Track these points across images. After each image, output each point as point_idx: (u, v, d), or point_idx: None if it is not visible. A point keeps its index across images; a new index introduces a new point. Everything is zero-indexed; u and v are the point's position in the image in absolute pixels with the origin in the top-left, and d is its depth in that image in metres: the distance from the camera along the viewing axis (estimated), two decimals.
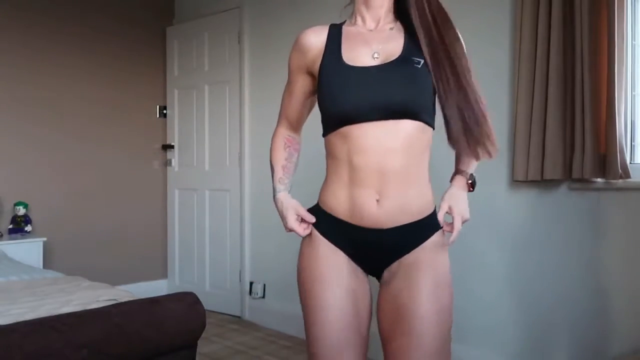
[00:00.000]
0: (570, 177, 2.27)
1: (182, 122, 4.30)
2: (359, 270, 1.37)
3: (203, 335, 2.17)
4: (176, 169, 4.36)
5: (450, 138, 1.30)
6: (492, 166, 2.59)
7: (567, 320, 2.36)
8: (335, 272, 1.33)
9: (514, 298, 2.53)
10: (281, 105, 1.53)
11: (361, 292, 1.35)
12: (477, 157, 1.35)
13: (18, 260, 3.07)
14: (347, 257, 1.35)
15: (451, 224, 1.33)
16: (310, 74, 1.42)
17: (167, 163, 4.42)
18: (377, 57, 1.32)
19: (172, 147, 4.36)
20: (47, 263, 3.59)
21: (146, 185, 4.34)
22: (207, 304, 3.31)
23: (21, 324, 1.66)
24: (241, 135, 3.84)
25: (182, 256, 4.30)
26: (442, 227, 1.35)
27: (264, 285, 3.72)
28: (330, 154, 1.36)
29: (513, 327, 2.53)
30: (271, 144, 1.55)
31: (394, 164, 1.28)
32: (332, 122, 1.32)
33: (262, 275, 3.73)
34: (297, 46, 1.43)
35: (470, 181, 1.43)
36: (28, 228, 3.57)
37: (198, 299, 2.09)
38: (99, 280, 2.77)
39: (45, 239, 3.53)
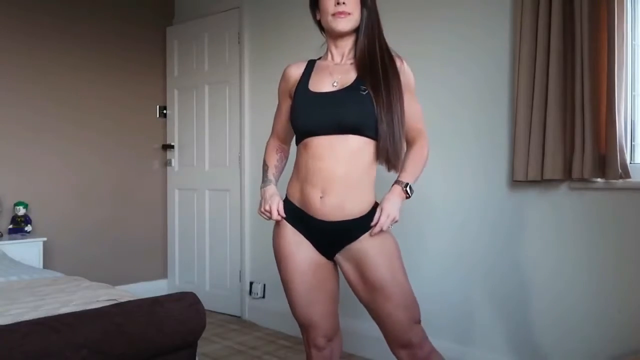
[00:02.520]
0: (570, 177, 2.27)
1: (182, 122, 4.30)
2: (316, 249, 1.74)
3: (203, 335, 2.16)
4: (176, 169, 4.36)
5: (379, 155, 1.66)
6: (492, 166, 2.59)
7: (567, 320, 2.36)
8: (297, 248, 1.73)
9: (513, 298, 2.53)
10: (273, 124, 1.93)
11: (322, 260, 1.74)
12: (397, 170, 1.71)
13: (18, 260, 3.07)
14: (306, 239, 1.72)
15: (377, 218, 1.66)
16: (291, 98, 1.79)
17: (167, 163, 4.42)
18: (335, 85, 1.70)
19: (172, 147, 4.36)
20: (47, 263, 3.58)
21: (146, 185, 4.34)
22: (207, 304, 3.30)
23: (21, 324, 1.66)
24: (241, 135, 3.84)
25: (182, 256, 4.30)
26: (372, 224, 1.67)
27: (264, 285, 3.72)
28: (297, 158, 1.76)
29: (512, 327, 2.53)
30: (265, 150, 1.93)
31: (339, 169, 1.64)
32: (299, 135, 1.72)
33: (262, 275, 3.73)
34: (283, 77, 1.83)
35: (405, 189, 1.71)
36: (28, 228, 3.57)
37: (198, 299, 2.09)
38: (99, 280, 2.77)
39: (45, 239, 3.53)
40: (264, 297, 3.72)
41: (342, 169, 1.64)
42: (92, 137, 4.02)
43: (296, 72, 1.79)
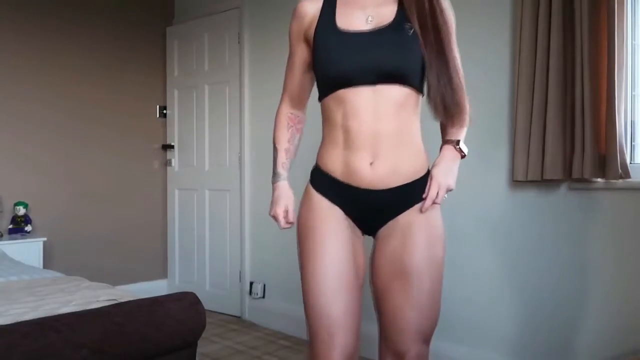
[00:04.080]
0: (570, 177, 2.27)
1: (182, 122, 4.30)
2: (356, 227, 1.44)
3: (203, 335, 2.17)
4: (176, 169, 4.36)
5: (430, 104, 1.35)
6: (492, 166, 2.59)
7: (567, 320, 2.36)
8: (333, 224, 1.39)
9: (513, 298, 2.53)
10: (284, 81, 1.57)
11: (358, 245, 1.43)
12: (453, 124, 1.42)
13: (18, 260, 3.07)
14: (343, 213, 1.41)
15: (428, 189, 1.38)
16: (307, 41, 1.46)
17: (167, 163, 4.42)
18: (371, 21, 1.37)
19: (172, 147, 4.36)
20: (47, 263, 3.59)
21: (146, 185, 4.34)
22: (207, 304, 3.31)
23: (21, 324, 1.66)
24: (241, 135, 3.84)
25: (182, 256, 4.30)
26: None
27: (264, 285, 3.72)
28: (326, 118, 1.42)
29: (512, 328, 2.53)
30: (275, 122, 1.58)
31: (386, 126, 1.34)
32: (328, 85, 1.38)
33: (262, 275, 3.73)
34: (295, 14, 1.49)
35: (459, 147, 1.44)
36: (28, 228, 3.57)
37: (198, 299, 2.09)
38: (99, 280, 2.77)
39: (45, 239, 3.53)
40: (264, 297, 3.72)
41: (391, 125, 1.34)
42: (92, 137, 4.02)
43: (313, 6, 1.44)
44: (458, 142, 1.44)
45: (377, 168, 1.35)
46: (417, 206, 1.39)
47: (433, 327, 1.40)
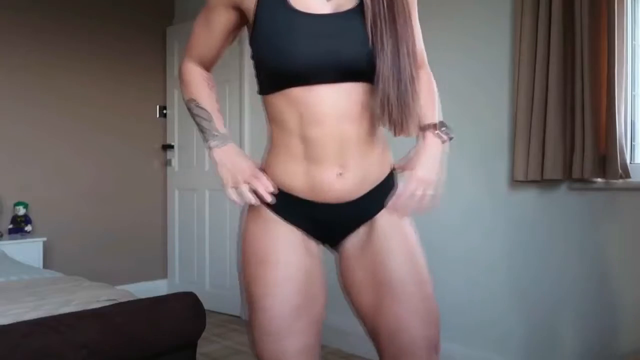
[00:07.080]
0: (570, 177, 2.27)
1: (182, 122, 4.29)
2: (312, 245, 1.24)
3: (203, 335, 2.17)
4: (176, 169, 4.36)
5: (378, 102, 1.12)
6: (492, 166, 2.59)
7: (568, 320, 2.36)
8: (288, 254, 1.20)
9: (514, 298, 2.53)
10: (192, 38, 1.32)
11: (315, 271, 1.23)
12: (395, 131, 1.16)
13: (18, 260, 3.07)
14: (302, 234, 1.22)
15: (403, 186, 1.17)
16: (238, 9, 1.20)
17: (167, 163, 4.42)
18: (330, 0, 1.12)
19: (172, 147, 4.36)
20: (47, 263, 3.58)
21: (146, 185, 4.34)
22: (207, 304, 3.30)
23: (21, 324, 1.67)
24: (241, 135, 3.84)
25: (182, 256, 4.30)
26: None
27: None
28: (275, 121, 1.20)
29: (514, 328, 2.53)
30: (186, 79, 1.30)
31: (354, 132, 1.14)
32: (276, 82, 1.14)
33: None
34: None
35: (443, 128, 1.21)
36: (28, 228, 3.57)
37: (198, 299, 2.09)
38: (99, 280, 2.77)
39: (45, 239, 3.53)
40: None
41: (357, 129, 1.15)
42: (92, 137, 4.02)
43: None
44: (440, 124, 1.22)
45: (347, 179, 1.16)
46: (385, 210, 1.21)
47: (438, 333, 1.25)
